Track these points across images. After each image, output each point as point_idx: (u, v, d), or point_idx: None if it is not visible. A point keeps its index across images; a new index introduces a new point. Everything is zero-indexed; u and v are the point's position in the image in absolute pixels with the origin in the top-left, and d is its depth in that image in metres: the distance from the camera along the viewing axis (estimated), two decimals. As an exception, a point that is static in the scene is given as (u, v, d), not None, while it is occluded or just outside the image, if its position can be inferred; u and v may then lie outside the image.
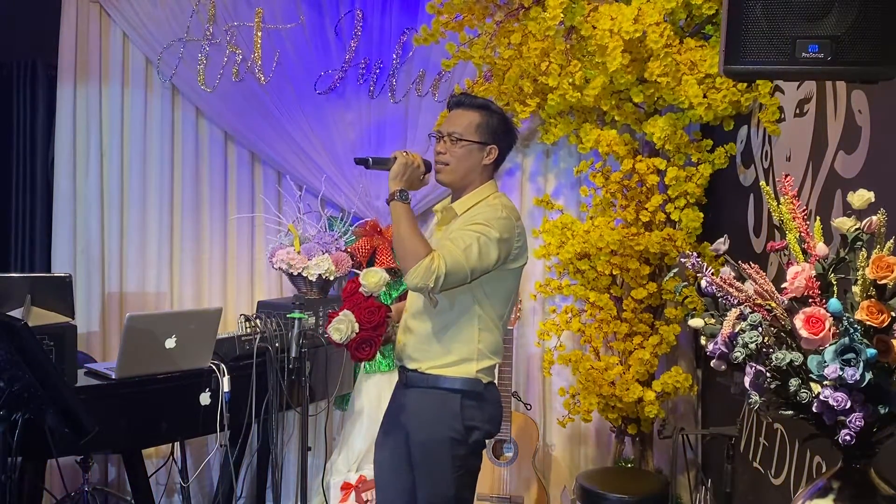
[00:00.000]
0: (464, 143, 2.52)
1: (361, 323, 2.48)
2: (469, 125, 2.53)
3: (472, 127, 2.53)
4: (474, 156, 2.54)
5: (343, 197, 4.16)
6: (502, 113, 2.62)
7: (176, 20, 4.18)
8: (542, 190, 4.07)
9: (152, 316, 3.58)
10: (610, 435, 3.95)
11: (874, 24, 1.71)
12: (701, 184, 3.50)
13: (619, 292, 3.71)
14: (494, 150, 2.56)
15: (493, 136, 2.56)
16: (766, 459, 2.82)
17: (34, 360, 2.48)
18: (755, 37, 1.76)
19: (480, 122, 2.53)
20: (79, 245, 4.28)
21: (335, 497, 4.01)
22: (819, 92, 2.53)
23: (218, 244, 4.33)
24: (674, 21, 3.26)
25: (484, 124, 2.54)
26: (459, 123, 2.54)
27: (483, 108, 2.56)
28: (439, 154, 2.56)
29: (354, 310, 2.49)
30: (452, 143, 2.53)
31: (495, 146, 2.57)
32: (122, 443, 3.20)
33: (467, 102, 2.58)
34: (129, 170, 4.29)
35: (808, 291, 1.52)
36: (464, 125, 2.53)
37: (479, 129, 2.53)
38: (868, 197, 1.59)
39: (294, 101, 4.16)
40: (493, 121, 2.55)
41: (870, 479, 1.56)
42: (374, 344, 2.52)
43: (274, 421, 3.35)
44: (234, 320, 3.61)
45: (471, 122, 2.53)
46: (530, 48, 3.36)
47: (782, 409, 1.56)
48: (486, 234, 2.41)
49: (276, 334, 3.30)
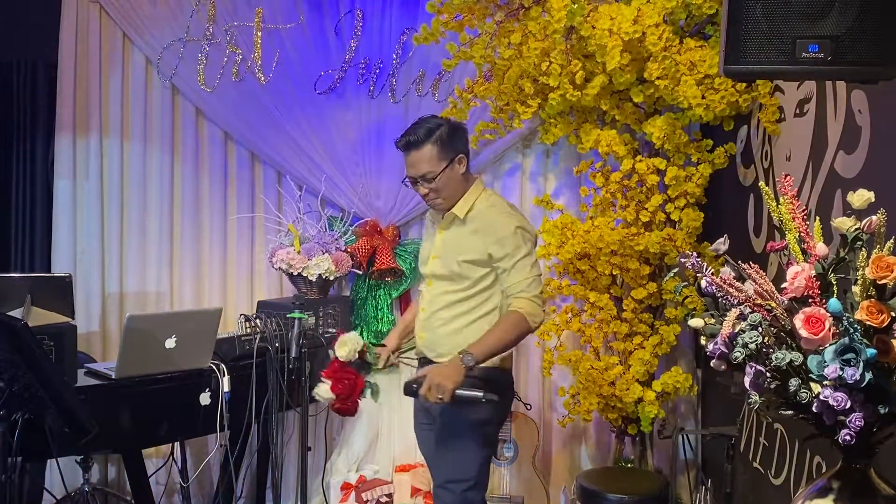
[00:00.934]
0: (439, 176, 2.68)
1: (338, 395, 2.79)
2: (431, 159, 2.67)
3: (434, 158, 2.67)
4: (452, 175, 2.71)
5: (343, 197, 4.16)
6: (441, 121, 2.73)
7: (176, 20, 4.18)
8: (542, 190, 4.08)
9: (152, 316, 3.58)
10: (610, 435, 3.95)
11: (874, 24, 1.70)
12: (701, 184, 3.50)
13: (619, 292, 3.71)
14: (462, 157, 2.74)
15: (453, 147, 2.71)
16: (766, 459, 2.82)
17: (34, 360, 2.49)
18: (755, 37, 1.76)
19: (436, 150, 2.67)
20: (79, 245, 4.28)
21: (335, 497, 4.01)
22: (819, 92, 2.53)
23: (218, 244, 4.33)
24: (674, 21, 3.26)
25: (439, 148, 2.67)
26: (423, 163, 2.68)
27: (428, 135, 2.67)
28: (426, 196, 2.75)
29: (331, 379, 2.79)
30: (429, 182, 2.70)
31: (460, 154, 2.73)
32: (122, 443, 3.20)
33: (415, 141, 2.68)
34: (129, 170, 4.29)
35: (808, 291, 1.52)
36: (426, 161, 2.68)
37: (440, 156, 2.68)
38: (868, 197, 1.59)
39: (294, 101, 4.16)
40: (443, 136, 2.68)
41: (870, 479, 1.56)
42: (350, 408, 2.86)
43: (274, 421, 3.35)
44: (234, 320, 3.61)
45: (431, 156, 2.67)
46: (530, 48, 3.36)
47: (782, 409, 1.56)
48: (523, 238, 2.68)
49: (276, 334, 3.30)
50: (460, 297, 2.74)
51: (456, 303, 2.75)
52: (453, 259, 2.74)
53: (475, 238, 2.72)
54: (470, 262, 2.71)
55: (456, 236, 2.77)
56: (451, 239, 2.79)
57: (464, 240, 2.74)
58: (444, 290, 2.77)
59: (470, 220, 2.75)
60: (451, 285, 2.76)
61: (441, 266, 2.78)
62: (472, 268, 2.71)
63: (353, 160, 4.16)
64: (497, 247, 2.67)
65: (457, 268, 2.73)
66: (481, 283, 2.73)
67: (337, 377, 2.80)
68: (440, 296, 2.78)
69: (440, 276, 2.79)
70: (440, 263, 2.79)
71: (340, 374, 2.80)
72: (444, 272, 2.77)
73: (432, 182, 2.70)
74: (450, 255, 2.76)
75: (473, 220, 2.75)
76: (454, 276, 2.74)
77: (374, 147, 4.14)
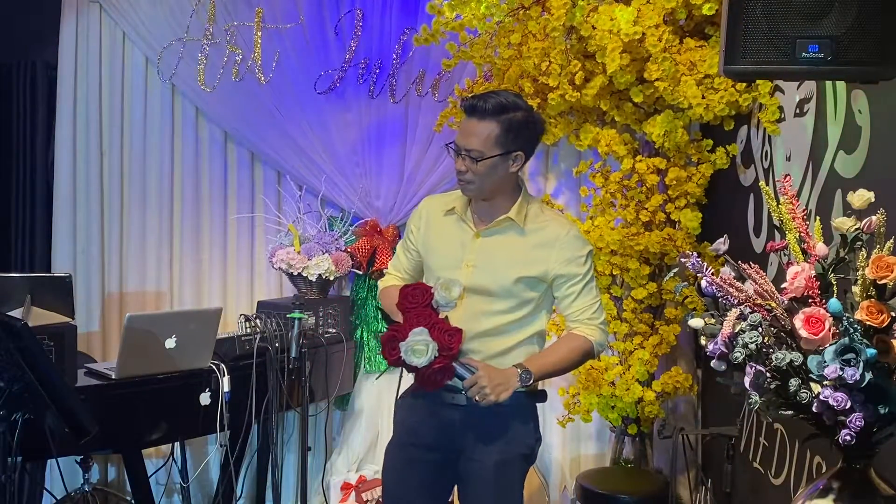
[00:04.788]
0: (485, 161, 2.28)
1: (440, 347, 2.18)
2: (488, 139, 2.26)
3: (492, 140, 2.27)
4: (499, 168, 2.30)
5: (343, 197, 4.16)
6: (522, 107, 2.32)
7: (176, 20, 4.17)
8: (542, 190, 4.07)
9: (152, 316, 3.58)
10: (610, 435, 3.95)
11: (874, 24, 1.71)
12: (701, 184, 3.50)
13: (619, 292, 3.71)
14: (520, 155, 2.32)
15: (516, 140, 2.29)
16: (766, 459, 2.82)
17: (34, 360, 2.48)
18: (755, 37, 1.77)
19: (500, 133, 2.27)
20: (79, 245, 4.28)
21: (335, 497, 4.01)
22: (819, 92, 2.53)
23: (218, 244, 4.32)
24: (674, 20, 3.26)
25: (504, 132, 2.27)
26: (477, 138, 2.27)
27: (500, 111, 2.27)
28: (460, 172, 2.32)
29: (430, 329, 2.18)
30: (473, 162, 2.28)
31: (520, 152, 2.32)
32: (122, 443, 3.20)
33: (482, 108, 2.27)
34: (129, 170, 4.29)
35: (808, 291, 1.52)
36: (482, 140, 2.27)
37: (499, 141, 2.27)
38: (868, 197, 1.59)
39: (294, 101, 4.16)
40: (515, 124, 2.28)
41: (870, 479, 1.56)
42: (450, 373, 2.23)
43: (274, 421, 3.35)
44: (234, 320, 3.61)
45: (489, 135, 2.26)
46: (530, 48, 3.36)
47: (782, 409, 1.56)
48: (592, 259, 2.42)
49: (276, 334, 3.30)
50: (507, 319, 2.35)
51: (502, 327, 2.36)
52: (507, 273, 2.34)
53: (541, 252, 2.34)
54: (529, 280, 2.35)
55: (511, 246, 2.36)
56: (500, 248, 2.37)
57: (525, 253, 2.35)
58: (488, 310, 2.35)
59: (532, 231, 2.37)
60: (496, 304, 2.35)
61: (486, 279, 2.35)
62: (527, 287, 2.35)
63: (353, 160, 4.16)
64: (571, 267, 2.34)
65: (511, 284, 2.33)
66: (528, 305, 2.37)
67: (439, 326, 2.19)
68: (482, 317, 2.35)
69: (483, 290, 2.35)
70: (484, 275, 2.35)
71: (440, 323, 2.20)
72: (490, 287, 2.35)
73: (476, 163, 2.28)
74: (500, 267, 2.35)
75: (537, 232, 2.37)
76: (504, 293, 2.34)
77: (374, 147, 4.14)
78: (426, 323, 2.18)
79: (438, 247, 2.45)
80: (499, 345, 2.36)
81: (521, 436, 2.40)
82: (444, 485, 2.49)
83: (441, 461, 2.42)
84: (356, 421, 4.16)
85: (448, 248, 2.42)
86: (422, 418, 2.42)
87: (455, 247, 2.41)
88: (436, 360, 2.17)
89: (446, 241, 2.44)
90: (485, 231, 2.40)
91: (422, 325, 2.18)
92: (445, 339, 2.18)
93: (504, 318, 2.35)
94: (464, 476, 2.41)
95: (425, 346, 2.15)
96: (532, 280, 2.35)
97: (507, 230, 2.38)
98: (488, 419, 2.34)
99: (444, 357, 2.18)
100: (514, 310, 2.36)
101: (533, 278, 2.35)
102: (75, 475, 3.77)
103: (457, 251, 2.40)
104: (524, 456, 2.42)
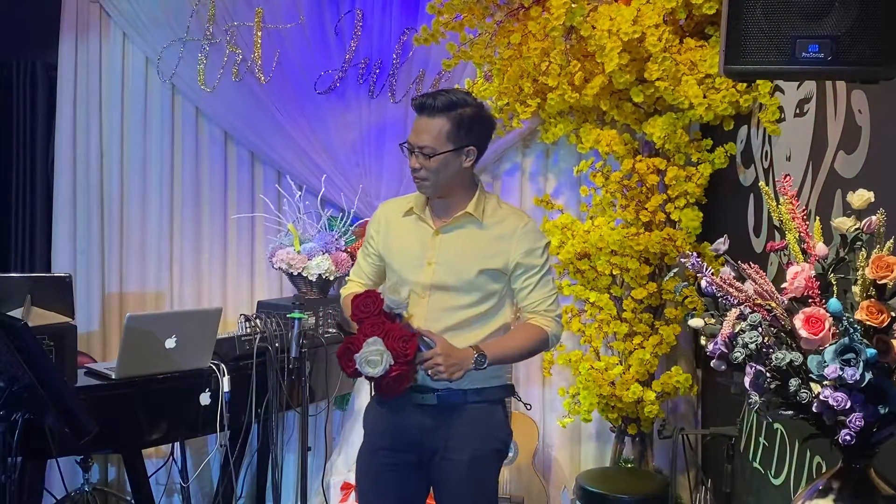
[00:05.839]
0: (437, 157, 2.32)
1: (395, 355, 2.18)
2: (439, 135, 2.31)
3: (443, 136, 2.31)
4: (452, 164, 2.34)
5: (343, 197, 4.16)
6: (471, 103, 2.36)
7: (176, 20, 4.17)
8: (542, 190, 4.07)
9: (152, 316, 3.58)
10: (610, 435, 3.95)
11: (874, 24, 1.71)
12: (701, 184, 3.50)
13: (619, 292, 3.71)
14: (473, 150, 2.37)
15: (468, 135, 2.34)
16: (766, 459, 2.82)
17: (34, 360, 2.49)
18: (755, 37, 1.76)
19: (451, 128, 2.31)
20: (79, 245, 4.28)
21: (335, 497, 4.01)
22: (819, 92, 2.53)
23: (217, 244, 4.33)
24: (674, 20, 3.26)
25: (454, 128, 2.31)
26: (428, 135, 2.31)
27: (449, 108, 2.31)
28: (415, 170, 2.36)
29: (384, 338, 2.18)
30: (426, 158, 2.32)
31: (472, 147, 2.36)
32: (122, 443, 3.20)
33: (431, 106, 2.31)
34: (129, 170, 4.29)
35: (808, 291, 1.52)
36: (433, 136, 2.31)
37: (450, 136, 2.31)
38: (868, 197, 1.59)
39: (294, 101, 4.16)
40: (465, 119, 2.32)
41: (870, 479, 1.56)
42: (408, 380, 2.24)
43: (274, 421, 3.35)
44: (234, 320, 3.61)
45: (440, 131, 2.30)
46: (530, 48, 3.36)
47: (782, 409, 1.56)
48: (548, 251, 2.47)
49: (276, 334, 3.30)
50: (472, 313, 2.38)
51: (468, 321, 2.38)
52: (469, 267, 2.37)
53: (500, 244, 2.39)
54: (491, 272, 2.38)
55: (471, 241, 2.40)
56: (460, 243, 2.41)
57: (485, 246, 2.39)
58: (452, 305, 2.38)
59: (491, 224, 2.41)
60: (460, 298, 2.38)
61: (449, 275, 2.38)
62: (490, 279, 2.38)
63: (353, 160, 4.16)
64: (528, 258, 2.38)
65: (474, 278, 2.37)
66: (492, 298, 2.40)
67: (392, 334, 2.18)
68: (447, 312, 2.37)
69: (446, 286, 2.38)
70: (446, 271, 2.38)
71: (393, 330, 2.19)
72: (453, 282, 2.38)
73: (429, 160, 2.32)
74: (462, 262, 2.38)
75: (496, 225, 2.41)
76: (467, 287, 2.38)
77: (374, 147, 4.14)
78: (380, 332, 2.19)
79: (399, 248, 2.47)
80: (466, 340, 2.36)
81: (494, 431, 2.45)
82: (419, 486, 2.49)
83: (415, 462, 2.44)
84: (356, 421, 4.15)
85: (409, 248, 2.45)
86: (392, 421, 2.43)
87: (416, 246, 2.44)
88: (392, 368, 2.18)
89: (406, 241, 2.46)
90: (444, 227, 2.43)
91: (375, 334, 2.19)
92: (399, 347, 2.18)
93: (469, 312, 2.39)
94: (439, 475, 2.43)
95: (379, 356, 2.16)
96: (494, 272, 2.39)
97: (467, 225, 2.42)
98: (459, 417, 2.39)
99: (400, 364, 2.19)
100: (478, 303, 2.39)
101: (495, 270, 2.39)
102: (75, 475, 3.77)
103: (418, 250, 2.43)
104: (497, 451, 2.46)
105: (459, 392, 2.38)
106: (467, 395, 2.39)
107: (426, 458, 2.42)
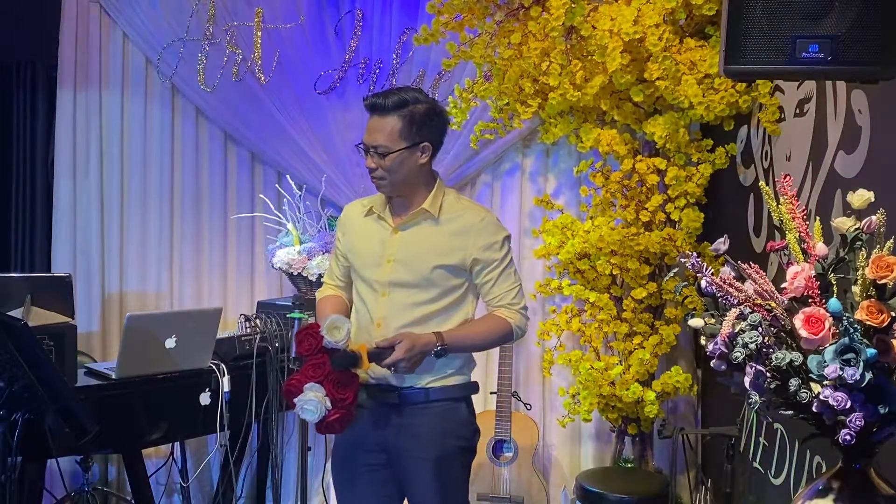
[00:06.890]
0: (391, 155, 2.35)
1: (333, 401, 2.23)
2: (391, 133, 2.34)
3: (395, 134, 2.34)
4: (407, 161, 2.38)
5: (343, 197, 4.16)
6: (422, 100, 2.39)
7: (176, 20, 4.17)
8: (542, 190, 4.07)
9: (152, 316, 3.58)
10: (610, 435, 3.95)
11: (874, 24, 1.70)
12: (701, 184, 3.50)
13: (619, 292, 3.71)
14: (427, 147, 2.39)
15: (421, 132, 2.36)
16: (766, 459, 2.82)
17: (34, 360, 2.49)
18: (755, 37, 1.76)
19: (403, 126, 2.34)
20: (79, 245, 4.28)
21: (335, 497, 4.00)
22: (819, 92, 2.53)
23: (217, 244, 4.32)
24: (674, 20, 3.26)
25: (407, 125, 2.34)
26: (381, 134, 2.35)
27: (400, 106, 2.34)
28: (371, 170, 2.40)
29: (323, 382, 2.22)
30: (380, 158, 2.36)
31: (426, 143, 2.39)
32: (122, 443, 3.21)
33: (381, 105, 2.35)
34: (129, 170, 4.29)
35: (808, 291, 1.52)
36: (385, 135, 2.34)
37: (403, 134, 2.35)
38: (868, 197, 1.59)
39: (294, 101, 4.16)
40: (417, 116, 2.35)
41: (870, 479, 1.56)
42: (349, 420, 2.30)
43: (274, 421, 3.35)
44: (234, 320, 3.61)
45: (392, 129, 2.34)
46: (530, 48, 3.36)
47: (782, 409, 1.56)
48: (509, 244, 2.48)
49: (276, 334, 3.31)
50: (432, 309, 2.41)
51: (428, 316, 2.40)
52: (425, 263, 2.40)
53: (457, 240, 2.41)
54: (448, 268, 2.41)
55: (428, 237, 2.43)
56: (417, 240, 2.43)
57: (441, 242, 2.42)
58: (411, 302, 2.40)
59: (447, 220, 2.43)
60: (418, 294, 2.41)
61: (405, 271, 2.41)
62: (448, 274, 2.41)
63: (353, 160, 4.15)
64: (487, 253, 2.40)
65: (429, 274, 2.39)
66: (454, 292, 2.43)
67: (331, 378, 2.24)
68: (406, 309, 2.40)
69: (404, 283, 2.41)
70: (403, 269, 2.41)
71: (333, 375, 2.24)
72: (410, 279, 2.41)
73: (384, 159, 2.35)
74: (419, 258, 2.41)
75: (453, 221, 2.43)
76: (425, 283, 2.40)
77: (373, 147, 4.13)
78: (319, 375, 2.24)
79: (360, 248, 2.52)
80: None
81: (458, 429, 2.47)
82: (395, 485, 2.52)
83: (386, 462, 2.48)
84: (356, 421, 4.15)
85: (369, 248, 2.49)
86: (361, 421, 2.44)
87: (375, 245, 2.47)
88: (329, 413, 2.23)
89: (367, 240, 2.50)
90: (401, 225, 2.46)
91: (315, 378, 2.24)
92: (338, 394, 2.24)
93: (428, 307, 2.41)
94: (406, 474, 2.47)
95: (314, 406, 2.20)
96: (451, 268, 2.41)
97: (423, 221, 2.44)
98: (423, 416, 2.42)
99: (339, 409, 2.25)
100: (437, 299, 2.42)
101: (452, 266, 2.41)
102: (75, 475, 3.77)
103: (377, 249, 2.46)
104: (462, 449, 2.49)
105: (422, 391, 2.43)
106: (429, 393, 2.43)
107: (393, 457, 2.46)
